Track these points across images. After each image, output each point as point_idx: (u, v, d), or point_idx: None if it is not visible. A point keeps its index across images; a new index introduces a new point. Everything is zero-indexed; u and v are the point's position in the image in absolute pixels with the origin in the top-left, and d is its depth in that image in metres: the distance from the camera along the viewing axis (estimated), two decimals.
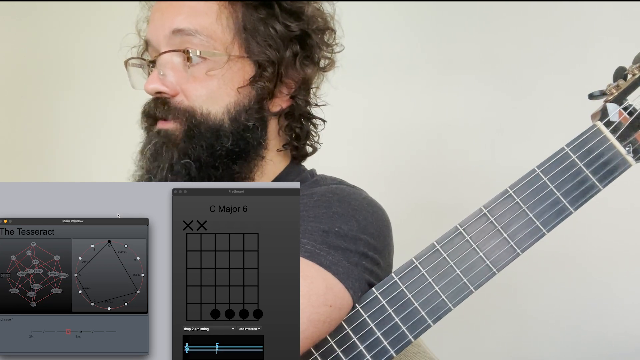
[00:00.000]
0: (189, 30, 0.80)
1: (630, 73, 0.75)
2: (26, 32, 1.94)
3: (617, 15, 1.43)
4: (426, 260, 0.72)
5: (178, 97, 0.81)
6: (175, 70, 0.81)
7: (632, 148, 0.73)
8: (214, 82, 0.80)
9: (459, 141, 1.57)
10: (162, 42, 0.82)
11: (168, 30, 0.81)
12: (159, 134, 0.82)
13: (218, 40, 0.80)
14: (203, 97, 0.80)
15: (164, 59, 0.81)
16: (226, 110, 0.81)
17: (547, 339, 1.49)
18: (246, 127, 0.82)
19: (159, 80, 0.81)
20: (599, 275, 1.46)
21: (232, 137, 0.81)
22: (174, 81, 0.81)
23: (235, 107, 0.81)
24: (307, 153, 0.92)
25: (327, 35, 0.88)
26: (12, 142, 1.95)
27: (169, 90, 0.81)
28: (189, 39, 0.80)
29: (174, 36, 0.80)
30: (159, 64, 0.82)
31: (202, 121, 0.80)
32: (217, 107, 0.81)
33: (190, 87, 0.81)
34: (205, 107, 0.80)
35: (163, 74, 0.81)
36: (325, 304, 0.69)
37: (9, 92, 1.96)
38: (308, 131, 0.89)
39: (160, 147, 0.81)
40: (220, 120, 0.81)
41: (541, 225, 0.72)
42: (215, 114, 0.81)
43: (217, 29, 0.81)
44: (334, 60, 0.90)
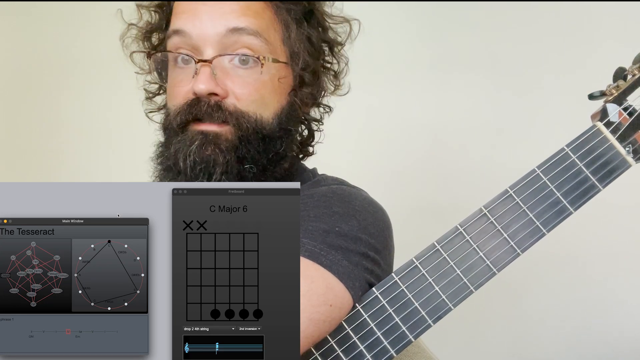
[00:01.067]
0: (250, 30, 0.78)
1: (630, 73, 0.75)
2: (28, 32, 1.94)
3: (617, 16, 1.43)
4: (426, 260, 0.72)
5: (229, 100, 0.78)
6: (227, 72, 0.78)
7: (632, 148, 0.73)
8: (268, 88, 0.80)
9: (459, 141, 1.57)
10: (211, 39, 0.77)
11: (223, 28, 0.77)
12: (205, 135, 0.78)
13: (272, 45, 0.80)
14: (257, 101, 0.79)
15: (219, 58, 0.78)
16: (275, 115, 0.81)
17: (547, 339, 1.49)
18: (289, 131, 0.83)
19: (212, 81, 0.77)
20: (599, 275, 1.46)
21: (280, 141, 0.82)
22: (228, 83, 0.78)
23: (283, 112, 0.82)
24: (309, 153, 0.93)
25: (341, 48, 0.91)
26: (12, 142, 1.95)
27: (222, 92, 0.78)
28: (249, 39, 0.78)
29: (230, 35, 0.77)
30: (215, 64, 0.77)
31: (257, 126, 0.79)
32: (268, 112, 0.80)
33: (245, 91, 0.78)
34: (258, 112, 0.79)
35: (215, 74, 0.77)
36: (326, 303, 0.69)
37: (9, 92, 1.96)
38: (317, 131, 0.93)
39: (210, 149, 0.77)
40: (272, 125, 0.81)
41: (541, 225, 0.72)
42: (267, 118, 0.80)
43: (271, 33, 0.80)
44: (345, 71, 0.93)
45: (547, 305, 1.49)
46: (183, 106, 0.79)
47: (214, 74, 0.77)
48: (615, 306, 1.45)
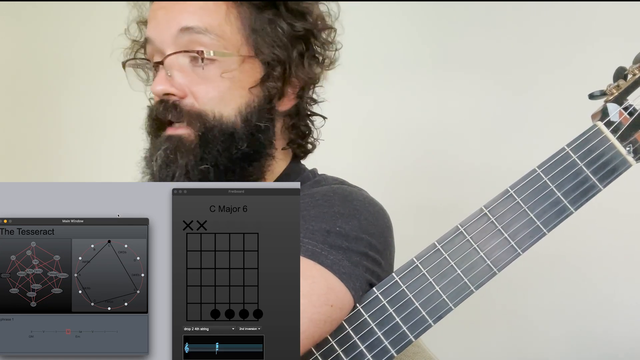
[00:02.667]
0: (199, 28, 0.78)
1: (631, 73, 0.75)
2: (28, 32, 1.94)
3: (617, 16, 1.43)
4: (427, 260, 0.72)
5: (187, 100, 0.79)
6: (183, 71, 0.79)
7: (633, 148, 0.73)
8: (226, 84, 0.79)
9: (459, 141, 1.57)
10: (167, 41, 0.79)
11: (175, 29, 0.79)
12: (170, 139, 0.79)
13: (228, 40, 0.79)
14: (215, 99, 0.79)
15: (172, 59, 0.79)
16: (238, 112, 0.80)
17: (548, 340, 1.49)
18: (258, 127, 0.81)
19: (167, 82, 0.79)
20: (600, 275, 1.46)
21: (246, 138, 0.80)
22: (182, 82, 0.79)
23: (247, 109, 0.80)
24: (309, 150, 0.92)
25: (329, 34, 0.88)
26: (12, 142, 1.95)
27: (178, 92, 0.79)
28: (198, 37, 0.78)
29: (181, 35, 0.78)
30: (167, 64, 0.79)
31: (216, 125, 0.78)
32: (228, 109, 0.79)
33: (201, 89, 0.79)
34: (217, 110, 0.79)
35: (171, 74, 0.79)
36: (327, 303, 0.69)
37: (9, 92, 1.96)
38: (310, 129, 0.90)
39: (173, 153, 0.78)
40: (233, 123, 0.79)
41: (542, 225, 0.72)
42: (228, 116, 0.79)
43: (227, 28, 0.79)
44: (336, 58, 0.90)
45: (548, 305, 1.49)
46: (149, 110, 0.82)
47: (169, 74, 0.78)
48: (616, 306, 1.45)
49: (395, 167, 1.60)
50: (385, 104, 1.61)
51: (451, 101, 1.57)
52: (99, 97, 1.82)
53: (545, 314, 1.50)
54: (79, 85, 1.87)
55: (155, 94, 0.80)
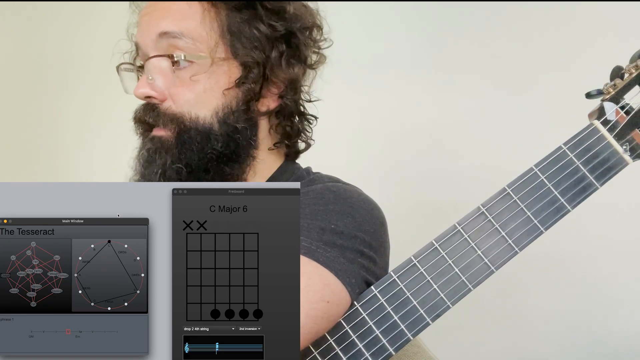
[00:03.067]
0: (175, 33, 0.80)
1: (627, 72, 0.75)
2: (28, 32, 1.93)
3: (614, 15, 1.43)
4: (425, 259, 0.73)
5: (166, 103, 0.82)
6: (163, 75, 0.81)
7: (629, 146, 0.74)
8: (200, 86, 0.81)
9: (457, 139, 1.57)
10: (149, 46, 0.82)
11: (154, 34, 0.81)
12: (152, 140, 0.82)
13: (204, 43, 0.81)
14: (190, 101, 0.81)
15: (152, 63, 0.81)
16: (214, 113, 0.81)
17: (546, 338, 1.50)
18: (235, 128, 0.82)
19: (148, 85, 0.81)
20: (598, 273, 1.46)
21: (222, 139, 0.81)
22: (162, 86, 0.81)
23: (223, 110, 0.82)
24: (299, 150, 0.92)
25: (314, 32, 0.88)
26: (12, 142, 1.94)
27: (158, 95, 0.82)
28: (175, 42, 0.80)
29: (160, 39, 0.81)
30: (147, 68, 0.82)
31: (192, 126, 0.81)
32: (204, 111, 0.81)
33: (178, 91, 0.81)
34: (193, 112, 0.81)
35: (152, 78, 0.81)
36: (323, 299, 0.69)
37: (9, 92, 1.95)
38: (299, 129, 0.90)
39: (153, 153, 0.81)
40: (209, 124, 0.81)
41: (539, 223, 0.73)
42: (204, 117, 0.81)
43: (202, 31, 0.81)
44: (324, 56, 0.90)
45: (546, 304, 1.50)
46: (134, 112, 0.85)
47: (150, 78, 0.81)
48: (615, 305, 1.45)
49: (393, 165, 1.61)
50: (380, 103, 1.61)
51: (448, 101, 1.57)
52: (99, 97, 1.81)
53: (543, 311, 1.50)
54: (79, 85, 1.86)
55: (137, 96, 0.83)
